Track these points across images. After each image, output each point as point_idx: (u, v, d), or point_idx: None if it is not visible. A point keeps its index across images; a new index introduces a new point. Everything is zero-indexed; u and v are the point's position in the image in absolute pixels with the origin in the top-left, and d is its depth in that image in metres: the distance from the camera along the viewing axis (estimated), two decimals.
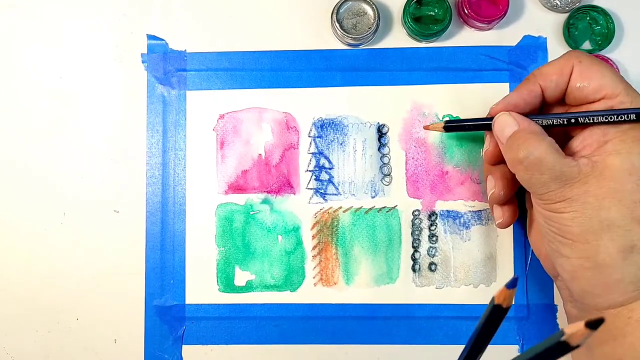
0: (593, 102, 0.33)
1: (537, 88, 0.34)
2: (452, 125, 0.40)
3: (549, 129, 0.35)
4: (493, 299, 0.25)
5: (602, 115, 0.32)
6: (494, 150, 0.37)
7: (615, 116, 0.32)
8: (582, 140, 0.34)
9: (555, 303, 0.44)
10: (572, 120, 0.34)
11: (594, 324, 0.20)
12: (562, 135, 0.36)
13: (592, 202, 0.31)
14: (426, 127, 0.41)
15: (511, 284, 0.23)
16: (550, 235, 0.33)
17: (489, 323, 0.26)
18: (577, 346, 0.21)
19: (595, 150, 0.32)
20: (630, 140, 0.31)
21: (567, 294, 0.36)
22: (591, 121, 0.33)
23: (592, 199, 0.31)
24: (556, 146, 0.32)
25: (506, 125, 0.34)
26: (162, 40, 0.46)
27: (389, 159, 0.45)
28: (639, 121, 0.32)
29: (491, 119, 0.36)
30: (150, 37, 0.47)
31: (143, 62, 0.46)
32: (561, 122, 0.34)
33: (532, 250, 0.43)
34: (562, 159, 0.31)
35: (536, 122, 0.34)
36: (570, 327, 0.21)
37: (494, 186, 0.38)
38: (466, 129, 0.40)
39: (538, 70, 0.35)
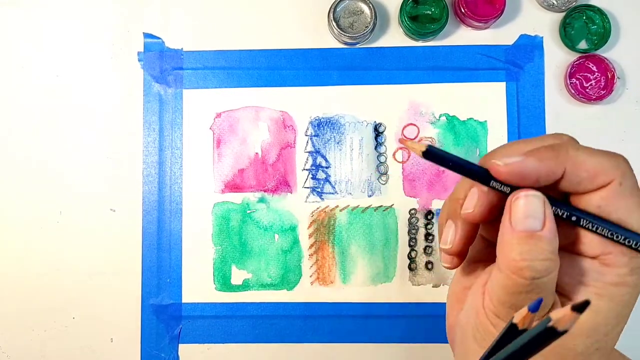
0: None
1: (558, 171, 0.25)
2: (434, 156, 0.27)
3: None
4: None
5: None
6: (480, 213, 0.26)
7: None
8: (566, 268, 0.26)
9: None
10: (599, 231, 0.25)
11: (580, 307, 0.19)
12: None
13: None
14: (402, 142, 0.29)
15: (534, 308, 0.21)
16: (469, 337, 0.28)
17: (502, 340, 0.24)
18: (565, 331, 0.20)
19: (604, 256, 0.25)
20: (606, 297, 0.25)
21: None
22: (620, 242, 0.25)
23: None
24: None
25: (531, 216, 0.25)
26: (159, 38, 0.46)
27: (386, 158, 0.46)
28: None
29: (482, 169, 0.26)
30: (147, 35, 0.46)
31: (139, 60, 0.46)
32: (590, 228, 0.25)
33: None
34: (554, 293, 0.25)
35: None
36: (556, 312, 0.19)
37: (452, 241, 0.28)
38: (448, 166, 0.27)
39: (572, 154, 0.25)
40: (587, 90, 0.45)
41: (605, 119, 0.45)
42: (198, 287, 0.45)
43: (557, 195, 0.26)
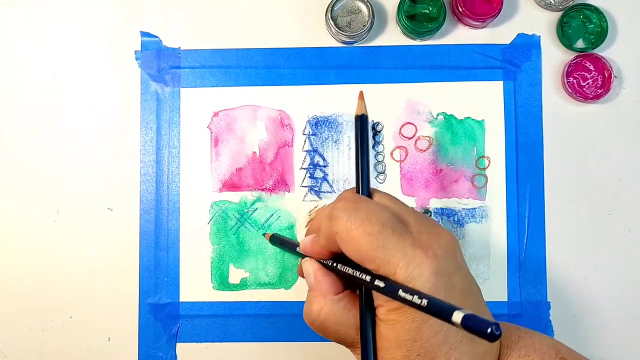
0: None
1: (323, 250, 0.34)
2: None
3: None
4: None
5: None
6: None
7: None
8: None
9: (549, 300, 0.44)
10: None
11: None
12: None
13: None
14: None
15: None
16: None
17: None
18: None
19: (377, 309, 0.31)
20: (394, 313, 0.30)
21: None
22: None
23: None
24: (343, 304, 0.33)
25: (307, 276, 0.35)
26: (156, 37, 0.46)
27: (383, 157, 0.46)
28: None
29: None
30: (144, 34, 0.46)
31: (137, 59, 0.46)
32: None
33: (525, 244, 0.43)
34: (347, 320, 0.33)
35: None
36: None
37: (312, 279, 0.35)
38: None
39: (318, 237, 0.34)
40: (584, 89, 0.45)
41: (603, 118, 0.45)
42: (196, 286, 0.45)
43: None
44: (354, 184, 0.45)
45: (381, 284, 0.29)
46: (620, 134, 0.45)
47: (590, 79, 0.45)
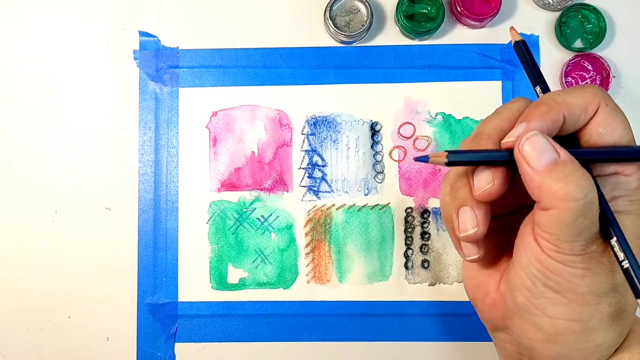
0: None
1: (560, 118, 0.28)
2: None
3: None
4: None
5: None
6: (499, 186, 0.28)
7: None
8: None
9: None
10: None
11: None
12: None
13: (605, 263, 0.27)
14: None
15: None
16: (540, 289, 0.28)
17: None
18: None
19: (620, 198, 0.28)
20: (639, 201, 0.28)
21: (513, 351, 0.31)
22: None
23: (605, 259, 0.27)
24: None
25: (544, 150, 0.27)
26: (155, 37, 0.46)
27: (382, 157, 0.46)
28: None
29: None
30: (143, 33, 0.46)
31: (135, 58, 0.46)
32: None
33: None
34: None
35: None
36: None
37: (477, 223, 0.29)
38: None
39: (561, 98, 0.28)
40: None
41: None
42: (194, 286, 0.45)
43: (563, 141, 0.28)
44: (352, 184, 0.45)
45: None
46: None
47: (588, 78, 0.45)
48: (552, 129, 0.28)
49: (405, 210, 0.45)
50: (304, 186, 0.46)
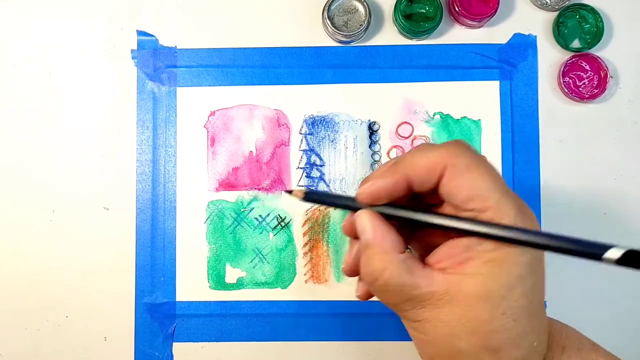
0: (464, 210, 0.28)
1: (402, 180, 0.29)
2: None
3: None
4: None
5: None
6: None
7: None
8: (447, 248, 0.29)
9: (545, 299, 0.44)
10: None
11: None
12: (438, 234, 0.31)
13: (443, 328, 0.28)
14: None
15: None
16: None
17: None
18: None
19: (456, 266, 0.28)
20: (491, 263, 0.27)
21: None
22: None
23: (442, 324, 0.28)
24: (409, 263, 0.29)
25: (363, 231, 0.30)
26: (153, 36, 0.46)
27: (380, 156, 0.46)
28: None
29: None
30: (141, 33, 0.46)
31: (133, 58, 0.46)
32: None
33: None
34: (415, 280, 0.28)
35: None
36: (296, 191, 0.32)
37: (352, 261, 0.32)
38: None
39: (408, 161, 0.29)
40: (580, 89, 0.45)
41: (598, 118, 0.45)
42: (192, 285, 0.45)
43: (436, 201, 0.30)
44: (350, 183, 0.45)
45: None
46: (616, 133, 0.45)
47: (586, 78, 0.45)
48: (394, 189, 0.29)
49: None
50: (302, 186, 0.46)
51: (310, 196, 0.33)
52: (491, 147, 0.45)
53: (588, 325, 0.45)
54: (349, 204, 0.31)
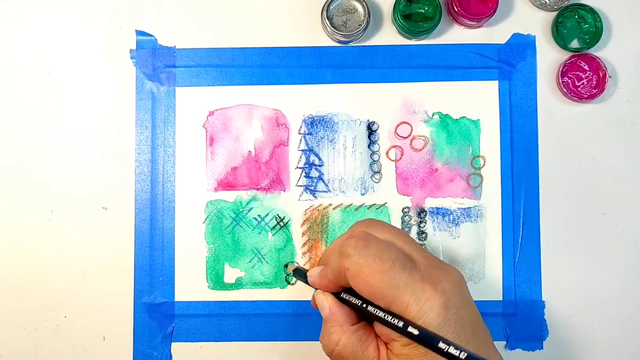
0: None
1: (329, 282, 0.35)
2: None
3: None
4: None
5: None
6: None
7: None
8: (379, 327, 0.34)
9: (543, 299, 0.44)
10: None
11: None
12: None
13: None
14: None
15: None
16: None
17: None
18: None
19: (388, 342, 0.33)
20: (408, 347, 0.31)
21: None
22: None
23: None
24: (361, 333, 0.34)
25: (321, 308, 0.36)
26: (152, 36, 0.46)
27: (379, 156, 0.46)
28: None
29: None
30: (139, 32, 0.46)
31: (132, 58, 0.46)
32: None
33: (520, 243, 0.44)
34: (364, 349, 0.33)
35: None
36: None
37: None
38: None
39: (331, 258, 0.35)
40: (579, 89, 0.45)
41: (597, 118, 0.45)
42: (191, 285, 0.45)
43: None
44: (349, 183, 0.45)
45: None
46: (614, 133, 0.45)
47: (585, 78, 0.45)
48: (331, 279, 0.35)
49: (402, 209, 0.45)
50: (301, 186, 0.46)
51: (295, 274, 0.42)
52: (490, 147, 0.45)
53: (588, 325, 0.45)
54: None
